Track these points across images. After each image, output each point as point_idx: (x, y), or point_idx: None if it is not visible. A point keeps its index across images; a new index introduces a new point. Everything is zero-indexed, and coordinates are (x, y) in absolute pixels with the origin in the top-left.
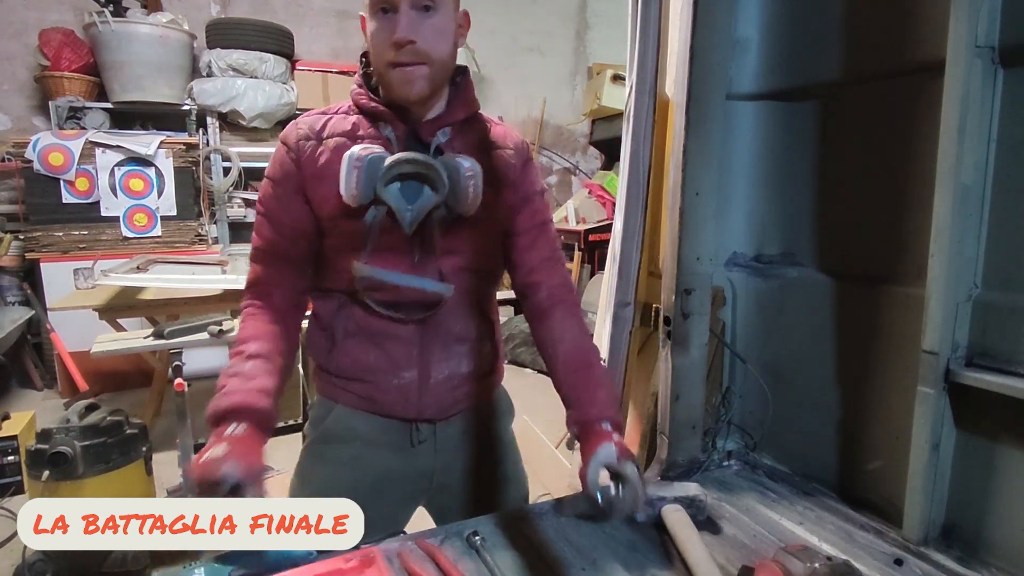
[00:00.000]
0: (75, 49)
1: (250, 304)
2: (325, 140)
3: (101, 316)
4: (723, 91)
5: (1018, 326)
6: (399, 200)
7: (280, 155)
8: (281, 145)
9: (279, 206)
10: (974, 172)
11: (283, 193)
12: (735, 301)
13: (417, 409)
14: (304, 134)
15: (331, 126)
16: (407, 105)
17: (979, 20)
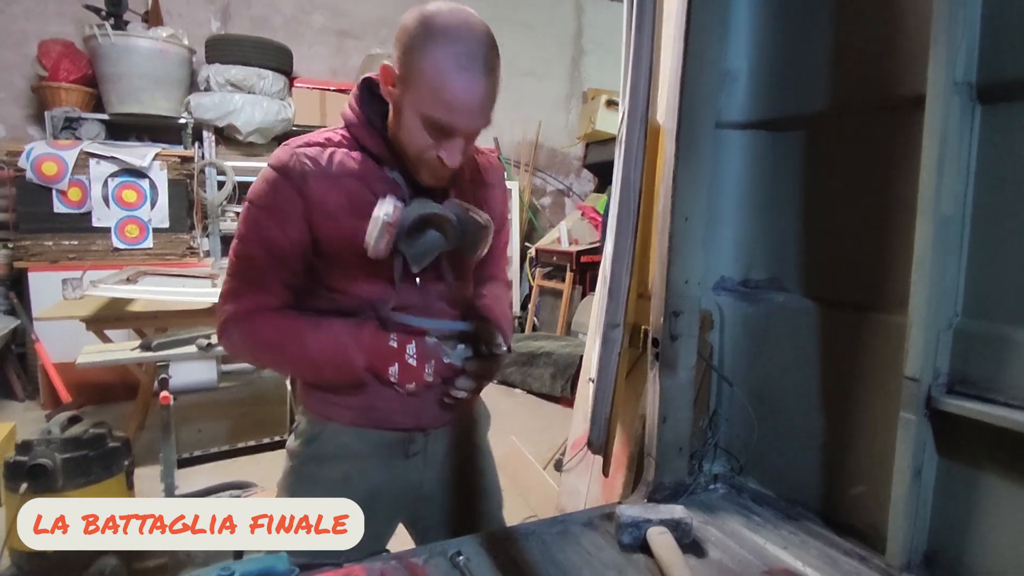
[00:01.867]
0: (74, 60)
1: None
2: (335, 179)
3: (88, 327)
4: (713, 120)
5: (997, 354)
6: (411, 247)
7: (278, 185)
8: (279, 176)
9: (282, 235)
10: (954, 204)
11: (286, 223)
12: (722, 324)
13: (416, 418)
14: (310, 169)
15: (338, 163)
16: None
17: (958, 58)
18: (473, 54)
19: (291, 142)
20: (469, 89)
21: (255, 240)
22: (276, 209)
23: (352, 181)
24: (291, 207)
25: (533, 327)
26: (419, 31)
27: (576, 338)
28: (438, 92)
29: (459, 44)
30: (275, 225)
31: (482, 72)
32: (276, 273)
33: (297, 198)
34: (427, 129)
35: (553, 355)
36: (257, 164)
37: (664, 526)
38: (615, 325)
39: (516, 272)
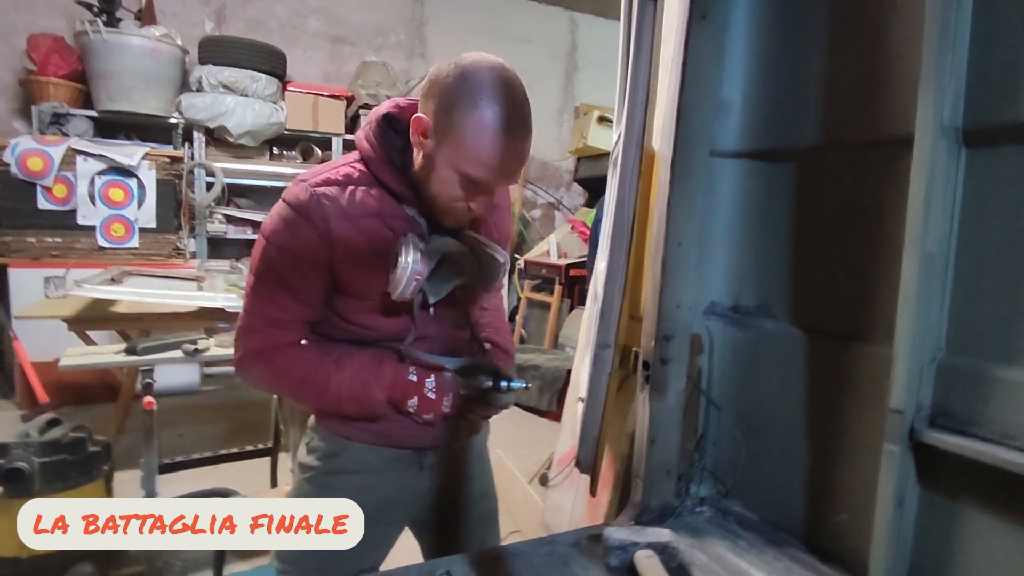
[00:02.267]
0: (63, 55)
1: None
2: (356, 219)
3: (70, 327)
4: (707, 148)
5: (978, 390)
6: (429, 283)
7: (298, 227)
8: (298, 216)
9: (302, 279)
10: (939, 242)
11: (306, 265)
12: (712, 349)
13: (432, 440)
14: (332, 210)
15: (359, 202)
16: None
17: (945, 103)
18: (516, 118)
19: (308, 178)
20: (512, 153)
21: (273, 280)
22: (295, 250)
23: (372, 220)
24: (311, 250)
25: (521, 339)
26: (460, 89)
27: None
28: (481, 154)
29: (502, 106)
30: (294, 265)
31: (524, 136)
32: (294, 311)
33: (317, 240)
34: (463, 184)
35: (540, 368)
36: (247, 167)
37: (651, 549)
38: (606, 346)
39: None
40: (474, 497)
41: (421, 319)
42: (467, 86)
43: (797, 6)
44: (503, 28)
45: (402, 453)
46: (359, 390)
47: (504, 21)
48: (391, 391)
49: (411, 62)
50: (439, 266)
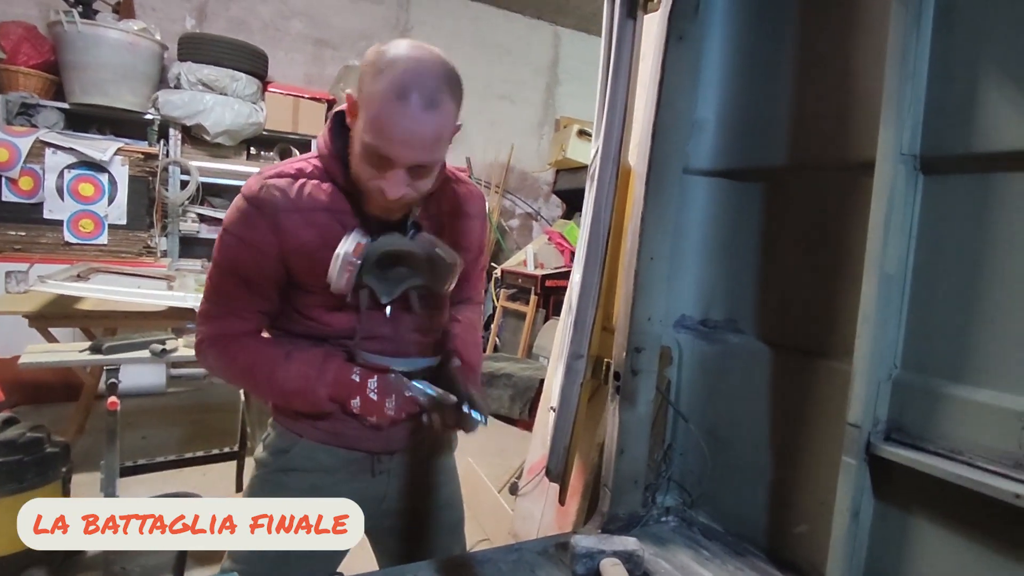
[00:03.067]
0: (36, 45)
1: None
2: (305, 212)
3: (32, 323)
4: (680, 166)
5: (930, 406)
6: (379, 281)
7: (251, 217)
8: (250, 207)
9: (256, 265)
10: (897, 264)
11: (259, 255)
12: (681, 361)
13: (385, 444)
14: (280, 202)
15: (308, 196)
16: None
17: (904, 131)
18: (416, 86)
19: (264, 171)
20: (407, 120)
21: (228, 268)
22: (248, 240)
23: (322, 214)
24: (262, 239)
25: (495, 348)
26: (373, 62)
27: (537, 361)
28: (376, 121)
29: (404, 75)
30: (248, 255)
31: (423, 105)
32: (249, 300)
33: (268, 231)
34: (369, 158)
35: (513, 377)
36: (223, 166)
37: (617, 558)
38: (579, 356)
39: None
40: (439, 506)
41: (373, 319)
42: (379, 59)
43: (770, 33)
44: (487, 38)
45: (354, 455)
46: (303, 385)
47: (488, 31)
48: (333, 389)
49: None
50: (391, 265)
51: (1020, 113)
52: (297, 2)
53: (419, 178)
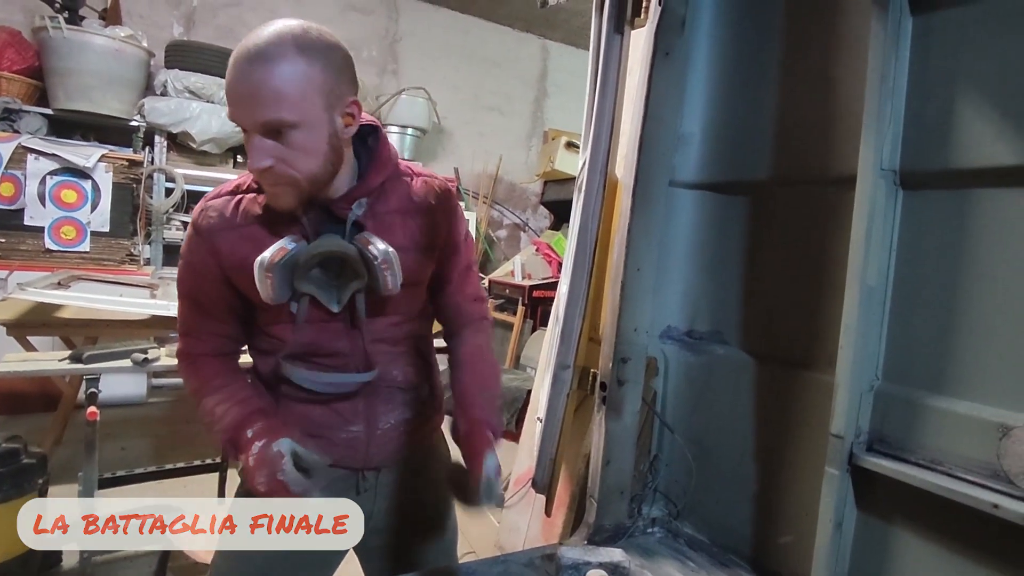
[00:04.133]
0: (20, 50)
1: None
2: (240, 228)
3: (9, 331)
4: (667, 178)
5: (911, 417)
6: (321, 285)
7: (194, 243)
8: (194, 233)
9: (202, 290)
10: (878, 276)
11: (204, 280)
12: (667, 372)
13: (365, 459)
14: (216, 224)
15: (243, 211)
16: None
17: (884, 147)
18: (250, 45)
19: (208, 195)
20: (236, 76)
21: (182, 292)
22: (193, 264)
23: (256, 228)
24: (203, 262)
25: None
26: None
27: (524, 372)
28: (226, 88)
29: (248, 41)
30: (195, 280)
31: (249, 58)
32: (202, 322)
33: (208, 254)
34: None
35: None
36: (209, 174)
37: (603, 569)
38: (566, 367)
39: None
40: (429, 525)
41: (326, 332)
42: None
43: (755, 50)
44: (476, 50)
45: (336, 473)
46: (211, 420)
47: (477, 43)
48: (232, 434)
49: (383, 78)
50: (337, 272)
51: (996, 130)
52: (286, 11)
53: (290, 147)
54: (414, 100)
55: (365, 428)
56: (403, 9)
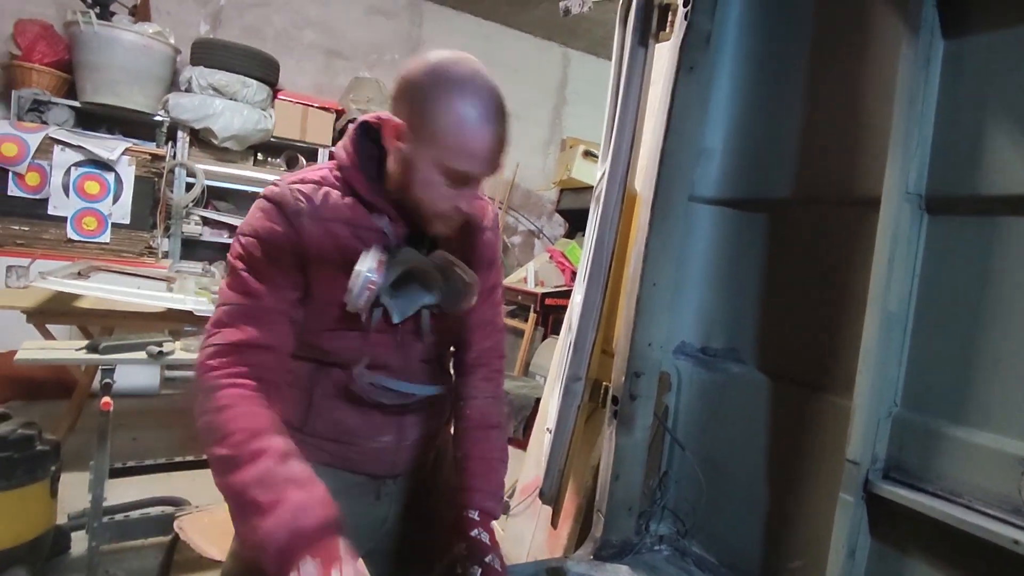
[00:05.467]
0: (51, 43)
1: (233, 372)
2: (326, 222)
3: (29, 319)
4: (686, 193)
5: (930, 446)
6: (392, 299)
7: (276, 220)
8: (275, 209)
9: (276, 269)
10: (899, 302)
11: (281, 258)
12: (680, 388)
13: (390, 468)
14: (305, 208)
15: (331, 206)
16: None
17: (910, 171)
18: (490, 104)
19: (285, 177)
20: (490, 138)
21: (247, 268)
22: (270, 239)
23: (341, 226)
24: (285, 239)
25: None
26: (432, 84)
27: (534, 379)
28: (465, 145)
29: (476, 95)
30: (268, 254)
31: (499, 120)
32: (268, 301)
33: (291, 231)
34: (447, 181)
35: (509, 395)
36: (229, 170)
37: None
38: (577, 378)
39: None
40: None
41: (384, 348)
42: (440, 81)
43: (780, 67)
44: (496, 56)
45: (359, 479)
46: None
47: (498, 49)
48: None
49: None
50: (404, 283)
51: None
52: (311, 13)
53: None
54: None
55: (394, 439)
56: (427, 13)
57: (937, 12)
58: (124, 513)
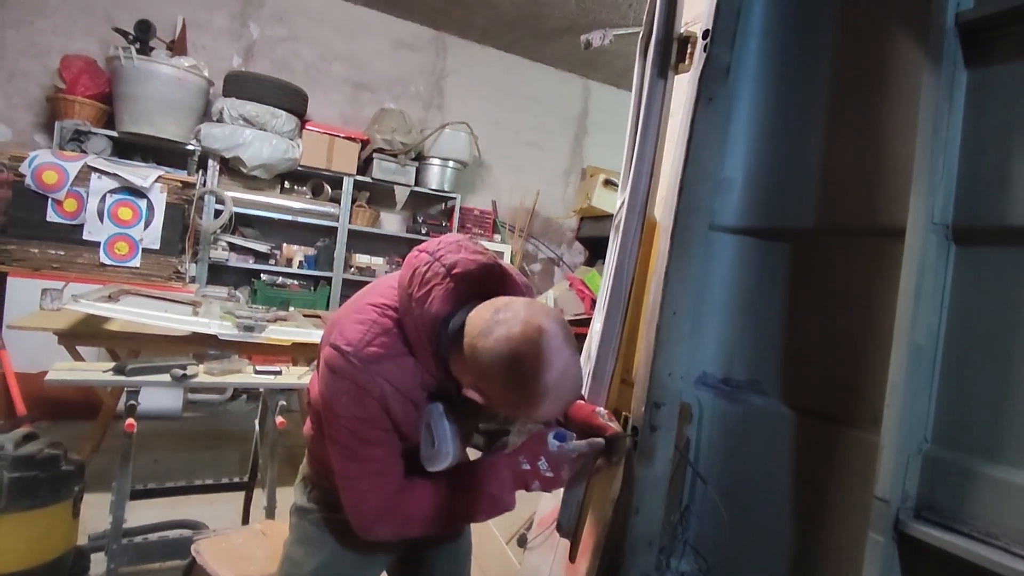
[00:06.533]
0: (93, 77)
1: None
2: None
3: (60, 341)
4: (706, 222)
5: (964, 485)
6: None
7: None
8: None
9: (380, 432)
10: (927, 334)
11: (382, 422)
12: (701, 420)
13: None
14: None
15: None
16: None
17: (936, 200)
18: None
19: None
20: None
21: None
22: (370, 418)
23: (414, 390)
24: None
25: None
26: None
27: None
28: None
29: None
30: (375, 426)
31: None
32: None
33: (382, 409)
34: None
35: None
36: (257, 197)
37: None
38: None
39: None
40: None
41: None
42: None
43: (800, 97)
44: (518, 88)
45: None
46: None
47: (520, 81)
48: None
49: (428, 112)
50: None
51: None
52: (339, 47)
53: None
54: (456, 134)
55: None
56: (451, 47)
57: (959, 43)
58: (143, 535)
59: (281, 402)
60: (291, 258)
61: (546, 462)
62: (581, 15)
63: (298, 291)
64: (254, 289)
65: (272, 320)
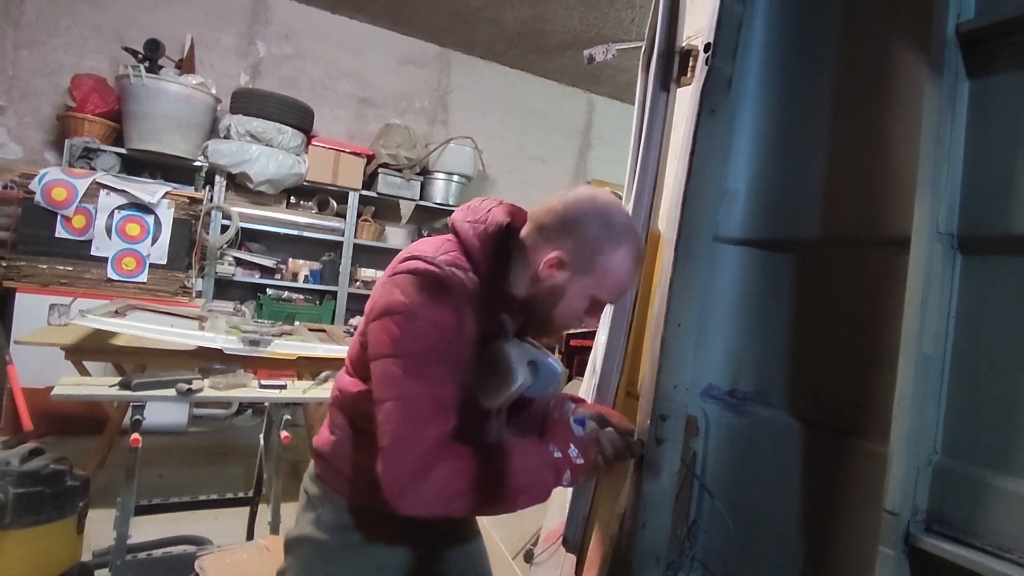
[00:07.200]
0: (103, 95)
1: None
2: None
3: (67, 356)
4: (710, 233)
5: (975, 497)
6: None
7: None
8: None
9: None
10: (935, 344)
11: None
12: (707, 432)
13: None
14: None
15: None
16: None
17: (941, 209)
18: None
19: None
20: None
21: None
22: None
23: (479, 313)
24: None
25: None
26: (602, 231)
27: None
28: (621, 283)
29: (635, 244)
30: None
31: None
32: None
33: (457, 315)
34: (590, 307)
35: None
36: (263, 213)
37: None
38: None
39: None
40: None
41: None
42: (609, 230)
43: (803, 107)
44: (523, 102)
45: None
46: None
47: (524, 96)
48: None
49: (432, 127)
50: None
51: None
52: (345, 64)
53: None
54: (461, 149)
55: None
56: (455, 63)
57: (960, 53)
58: (147, 552)
59: (286, 416)
60: (297, 272)
61: (575, 448)
62: (584, 30)
63: (304, 305)
64: (260, 303)
65: (278, 334)
